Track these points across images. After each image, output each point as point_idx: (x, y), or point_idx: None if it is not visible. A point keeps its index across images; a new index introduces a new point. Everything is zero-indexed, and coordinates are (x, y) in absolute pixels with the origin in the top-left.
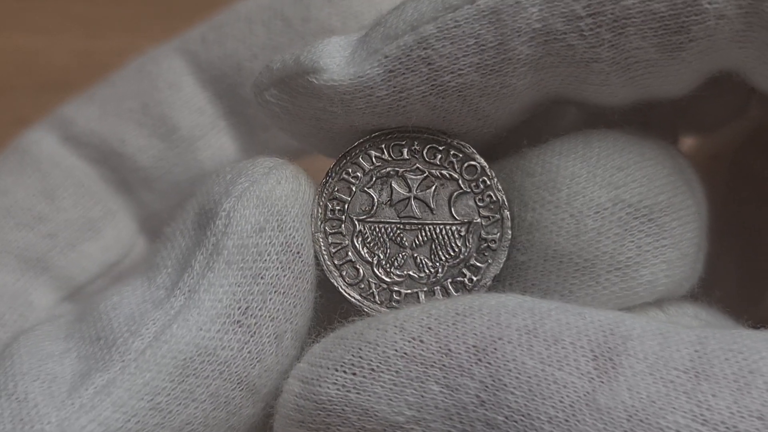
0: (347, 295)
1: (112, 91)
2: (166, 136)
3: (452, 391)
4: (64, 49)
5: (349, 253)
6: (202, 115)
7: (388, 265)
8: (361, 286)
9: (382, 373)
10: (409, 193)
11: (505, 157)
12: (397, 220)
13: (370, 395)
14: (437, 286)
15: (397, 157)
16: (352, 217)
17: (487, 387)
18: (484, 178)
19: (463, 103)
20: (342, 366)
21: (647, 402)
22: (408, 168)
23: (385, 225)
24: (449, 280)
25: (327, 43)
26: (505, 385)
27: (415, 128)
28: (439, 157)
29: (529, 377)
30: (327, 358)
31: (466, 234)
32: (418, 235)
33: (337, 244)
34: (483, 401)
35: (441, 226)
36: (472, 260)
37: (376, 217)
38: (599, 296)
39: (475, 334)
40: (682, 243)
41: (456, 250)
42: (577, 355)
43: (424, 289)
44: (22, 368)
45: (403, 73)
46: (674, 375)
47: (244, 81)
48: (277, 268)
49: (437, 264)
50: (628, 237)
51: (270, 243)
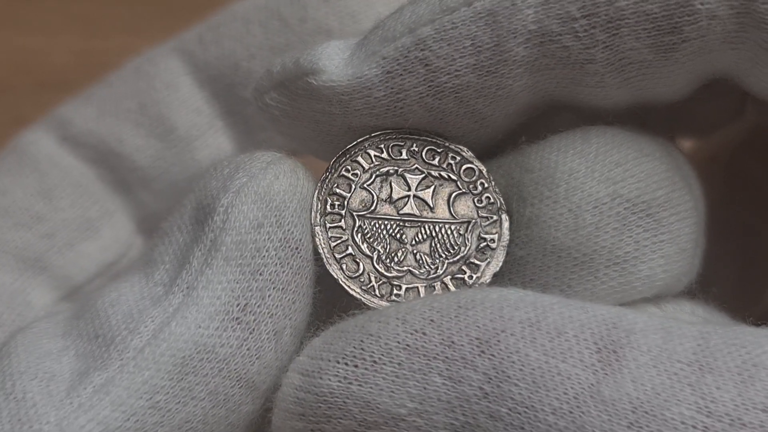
0: (348, 288)
1: (110, 91)
2: (164, 136)
3: (455, 383)
4: (64, 49)
5: (349, 247)
6: (200, 115)
7: (388, 260)
8: (362, 279)
9: (384, 365)
10: (409, 192)
11: (504, 154)
12: (397, 217)
13: (372, 387)
14: (437, 282)
15: (396, 157)
16: (352, 213)
17: (491, 379)
18: (482, 180)
19: (460, 105)
20: (344, 358)
21: (652, 394)
22: (407, 167)
23: (385, 221)
24: (449, 276)
25: (326, 46)
26: (509, 377)
27: (414, 130)
28: (437, 159)
29: (533, 369)
30: (328, 351)
31: (466, 233)
32: (418, 232)
33: (337, 238)
34: (486, 393)
35: (440, 224)
36: (472, 258)
37: (376, 213)
38: (598, 291)
39: (478, 327)
40: (679, 238)
41: (456, 247)
42: (581, 348)
43: (424, 284)
44: (20, 366)
45: (401, 74)
46: (678, 368)
47: (242, 81)
48: (276, 264)
49: (437, 260)
50: (626, 232)
51: (268, 239)
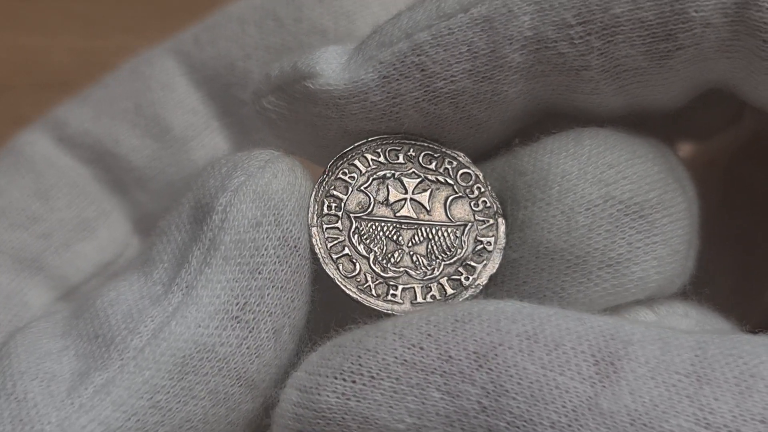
0: (344, 288)
1: (106, 92)
2: (160, 137)
3: (453, 398)
4: (64, 49)
5: (346, 248)
6: (196, 116)
7: (385, 260)
8: (358, 279)
9: (382, 380)
10: (406, 195)
11: (497, 156)
12: (394, 219)
13: (370, 403)
14: (433, 283)
15: (394, 161)
16: (349, 214)
17: (489, 393)
18: (478, 185)
19: (456, 110)
20: (341, 374)
21: (650, 406)
22: (404, 171)
23: (382, 223)
24: (446, 277)
25: (324, 51)
26: (507, 391)
27: (410, 135)
28: (434, 164)
29: (531, 382)
30: (326, 366)
31: (462, 235)
32: (415, 234)
33: (334, 239)
34: (485, 407)
35: (437, 227)
36: (468, 260)
37: (373, 215)
38: (591, 293)
39: (476, 340)
40: (672, 240)
41: (452, 249)
42: (579, 360)
43: (421, 285)
44: (20, 367)
45: (397, 79)
46: (676, 379)
47: (238, 81)
48: (275, 263)
49: (434, 262)
50: (619, 234)
51: (267, 237)
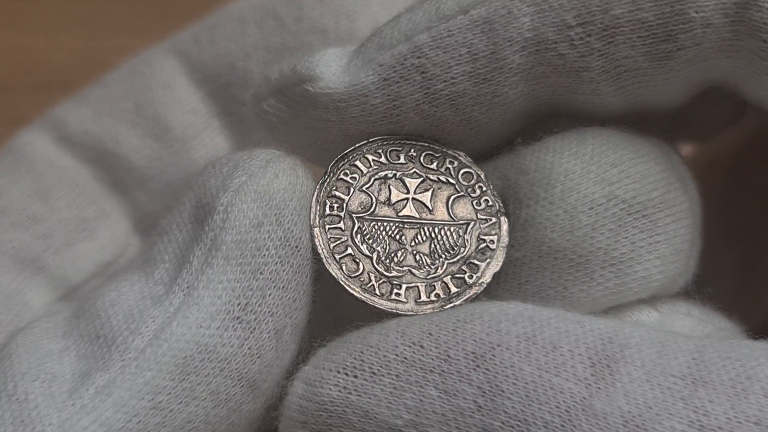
0: (348, 288)
1: (106, 91)
2: (160, 136)
3: (450, 397)
4: (64, 49)
5: (349, 248)
6: (196, 115)
7: (388, 260)
8: (362, 278)
9: (383, 376)
10: (408, 194)
11: (499, 155)
12: (396, 219)
13: (370, 398)
14: (437, 282)
15: (395, 161)
16: (351, 214)
17: (485, 393)
18: (480, 184)
19: (456, 112)
20: (344, 368)
21: (644, 408)
22: (405, 171)
23: (384, 222)
24: (449, 276)
25: (324, 53)
26: (503, 391)
27: (411, 136)
28: (435, 164)
29: (526, 383)
30: (330, 361)
31: (465, 234)
32: (418, 234)
33: (336, 239)
34: (480, 406)
35: (440, 226)
36: (472, 258)
37: (375, 215)
38: (593, 292)
39: (475, 341)
40: (675, 239)
41: (455, 248)
42: (575, 362)
43: (424, 283)
44: (21, 368)
45: (397, 82)
46: (671, 382)
47: (238, 81)
48: (276, 263)
49: (437, 261)
50: (621, 233)
51: (268, 237)
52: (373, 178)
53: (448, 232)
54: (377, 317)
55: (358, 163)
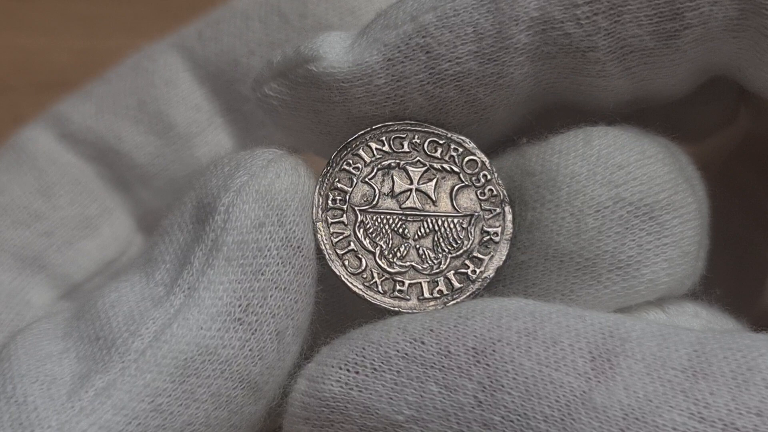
0: (350, 285)
1: (108, 88)
2: (163, 133)
3: (450, 392)
4: (64, 49)
5: (351, 243)
6: (199, 112)
7: (391, 255)
8: (364, 275)
9: (384, 372)
10: (411, 185)
11: (504, 154)
12: (399, 211)
13: (371, 393)
14: (440, 277)
15: (398, 150)
16: (354, 207)
17: (485, 388)
18: (484, 172)
19: (461, 93)
20: (346, 364)
21: (644, 401)
22: (409, 160)
23: (387, 215)
24: (452, 271)
25: (328, 35)
26: (503, 386)
27: (415, 122)
28: (439, 151)
29: (526, 378)
30: (332, 357)
31: (469, 226)
32: (421, 227)
33: (339, 234)
34: (480, 402)
35: (443, 218)
36: (475, 252)
37: (378, 208)
38: (600, 295)
39: (475, 336)
40: (683, 241)
41: (459, 241)
42: (575, 357)
43: (427, 279)
44: (21, 369)
45: (402, 62)
46: (672, 374)
47: (241, 77)
48: (278, 264)
49: (440, 255)
50: (629, 236)
51: (270, 238)
52: (376, 168)
53: (452, 225)
54: (380, 314)
55: (361, 152)
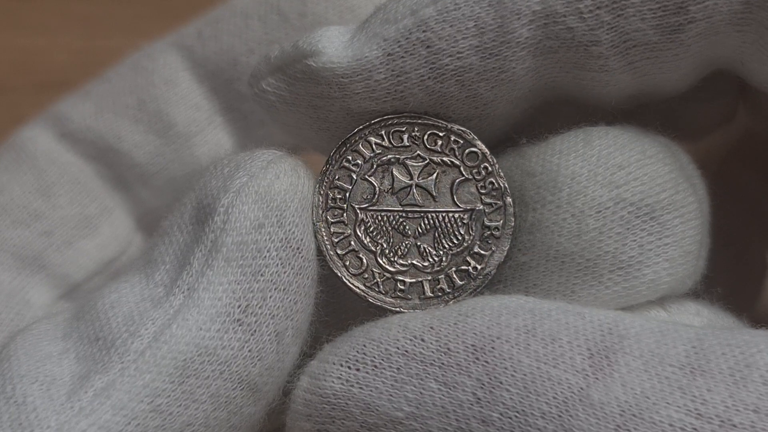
0: (351, 286)
1: (108, 87)
2: (163, 133)
3: (450, 389)
4: (64, 49)
5: (352, 243)
6: (199, 111)
7: (392, 254)
8: (365, 276)
9: (384, 369)
10: (411, 181)
11: (504, 154)
12: (400, 209)
13: (372, 390)
14: (441, 275)
15: (398, 144)
16: (354, 206)
17: (484, 385)
18: (485, 164)
19: (462, 88)
20: (347, 362)
21: (641, 397)
22: (409, 155)
23: (388, 213)
24: (453, 268)
25: (327, 30)
26: (501, 383)
27: (415, 113)
28: (439, 144)
29: (525, 375)
30: (333, 354)
31: (469, 221)
32: (421, 223)
33: (340, 234)
34: (479, 399)
35: (444, 214)
36: (476, 248)
37: (378, 206)
38: (602, 296)
39: (475, 334)
40: (684, 241)
41: (459, 238)
42: (573, 354)
43: (428, 278)
44: (20, 370)
45: (402, 56)
46: (669, 371)
47: (241, 76)
48: (277, 265)
49: (441, 252)
50: (630, 236)
51: (269, 239)
52: (375, 164)
53: (452, 221)
54: (382, 313)
55: (360, 147)
